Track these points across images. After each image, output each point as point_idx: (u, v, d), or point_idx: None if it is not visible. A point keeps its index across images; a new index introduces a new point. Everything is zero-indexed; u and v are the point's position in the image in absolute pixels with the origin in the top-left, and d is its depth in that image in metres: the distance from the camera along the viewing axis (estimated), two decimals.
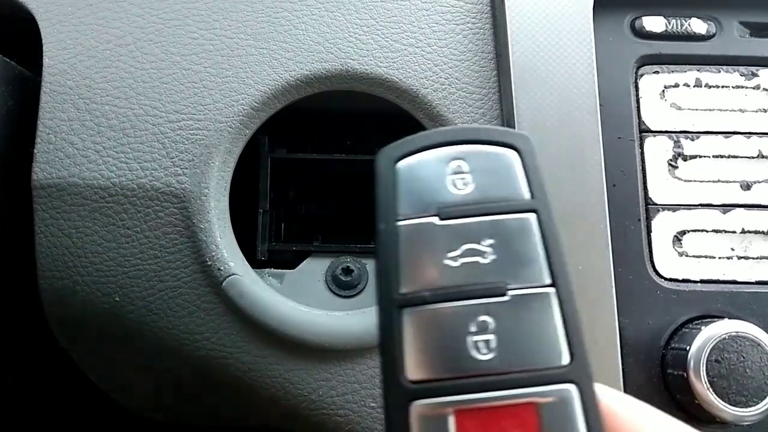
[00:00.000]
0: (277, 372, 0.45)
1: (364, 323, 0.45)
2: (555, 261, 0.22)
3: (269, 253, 0.50)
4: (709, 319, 0.41)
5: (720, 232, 0.43)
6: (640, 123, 0.45)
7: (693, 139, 0.45)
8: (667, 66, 0.46)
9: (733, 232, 0.43)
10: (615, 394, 0.23)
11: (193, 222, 0.45)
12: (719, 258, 0.43)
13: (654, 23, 0.46)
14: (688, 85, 0.45)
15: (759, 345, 0.39)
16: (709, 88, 0.45)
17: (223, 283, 0.44)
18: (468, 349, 0.22)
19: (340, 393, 0.45)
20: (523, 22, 0.44)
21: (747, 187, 0.44)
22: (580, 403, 0.21)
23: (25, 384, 0.62)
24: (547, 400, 0.21)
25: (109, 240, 0.45)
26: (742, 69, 0.46)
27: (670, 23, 0.46)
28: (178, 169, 0.45)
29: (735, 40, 0.46)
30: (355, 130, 0.54)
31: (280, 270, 0.49)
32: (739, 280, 0.43)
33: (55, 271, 0.45)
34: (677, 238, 0.43)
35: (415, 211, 0.23)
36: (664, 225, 0.43)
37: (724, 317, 0.41)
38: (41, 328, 0.48)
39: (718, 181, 0.44)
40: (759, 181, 0.44)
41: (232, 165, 0.46)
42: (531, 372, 0.21)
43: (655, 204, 0.44)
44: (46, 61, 0.47)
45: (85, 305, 0.46)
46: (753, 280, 0.43)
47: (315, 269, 0.49)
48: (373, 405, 0.45)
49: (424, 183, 0.23)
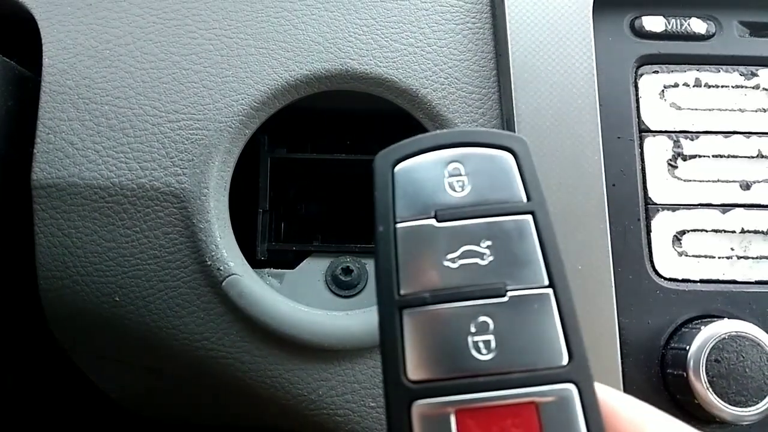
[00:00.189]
0: (277, 372, 0.45)
1: (363, 323, 0.45)
2: (552, 262, 0.23)
3: (269, 252, 0.51)
4: (708, 319, 0.41)
5: (720, 231, 0.43)
6: (640, 123, 0.45)
7: (692, 139, 0.45)
8: (666, 66, 0.46)
9: (733, 232, 0.43)
10: (615, 393, 0.23)
11: (192, 222, 0.45)
12: (719, 258, 0.43)
13: (653, 23, 0.46)
14: (688, 85, 0.45)
15: (758, 345, 0.39)
16: (709, 87, 0.45)
17: (223, 283, 0.44)
18: (468, 349, 0.22)
19: (340, 393, 0.45)
20: (522, 22, 0.44)
21: (746, 186, 0.44)
22: (580, 403, 0.21)
23: (25, 384, 0.62)
24: (547, 400, 0.21)
25: (108, 240, 0.45)
26: (742, 69, 0.46)
27: (669, 23, 0.46)
28: (177, 169, 0.45)
29: (735, 39, 0.46)
30: (355, 130, 0.54)
31: (279, 270, 0.49)
32: (738, 280, 0.43)
33: (55, 271, 0.45)
34: (677, 238, 0.43)
35: (413, 214, 0.23)
36: (664, 225, 0.43)
37: (723, 317, 0.41)
38: (41, 328, 0.48)
39: (718, 180, 0.44)
40: (758, 181, 0.44)
41: (232, 165, 0.46)
42: (531, 372, 0.22)
43: (655, 204, 0.44)
44: (45, 61, 0.47)
45: (85, 305, 0.46)
46: (752, 280, 0.43)
47: (315, 269, 0.49)
48: (372, 405, 0.45)
49: (421, 186, 0.24)
